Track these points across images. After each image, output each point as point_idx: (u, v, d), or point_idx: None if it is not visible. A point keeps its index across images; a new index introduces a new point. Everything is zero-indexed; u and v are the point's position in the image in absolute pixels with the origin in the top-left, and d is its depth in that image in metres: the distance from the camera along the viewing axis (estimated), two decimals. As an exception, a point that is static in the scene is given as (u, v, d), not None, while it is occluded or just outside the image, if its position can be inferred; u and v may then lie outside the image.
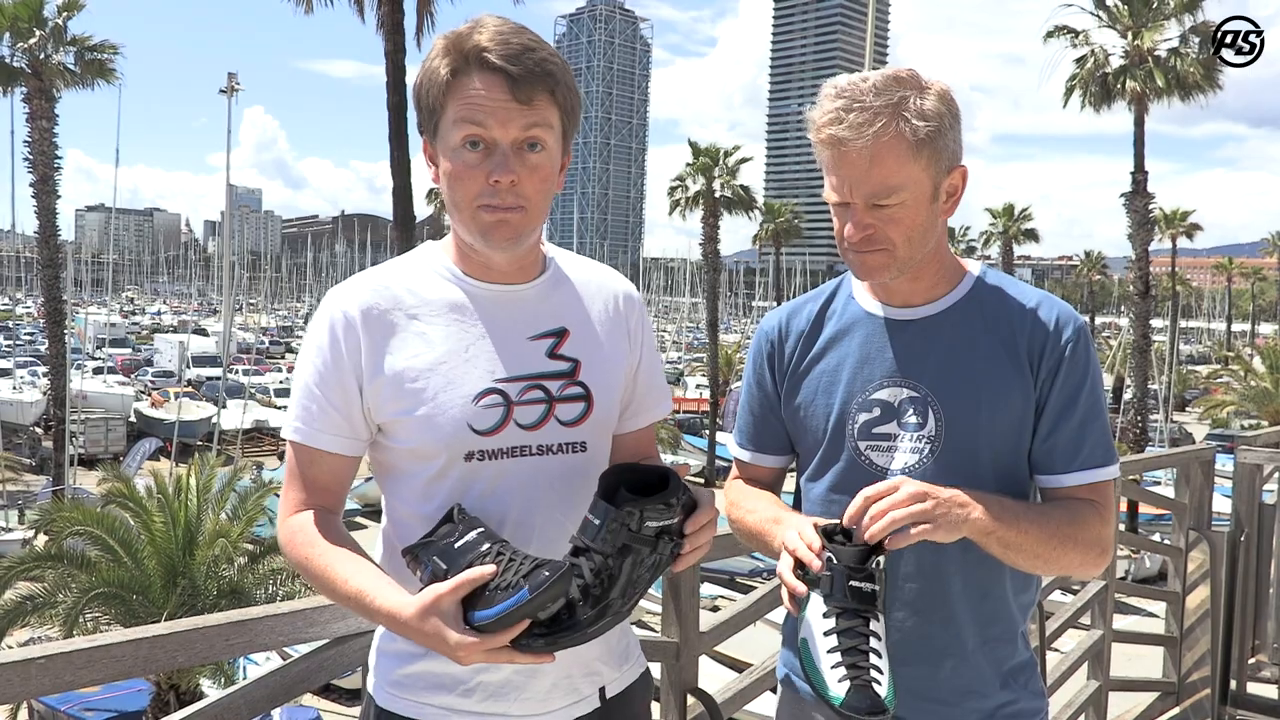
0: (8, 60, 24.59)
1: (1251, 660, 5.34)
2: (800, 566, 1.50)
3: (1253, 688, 5.24)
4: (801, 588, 1.48)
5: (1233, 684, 5.16)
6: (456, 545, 1.34)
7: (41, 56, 24.52)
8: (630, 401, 1.69)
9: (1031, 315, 1.70)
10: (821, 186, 1.71)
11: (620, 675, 1.64)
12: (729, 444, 1.97)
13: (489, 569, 1.30)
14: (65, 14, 24.95)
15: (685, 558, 1.42)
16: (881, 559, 1.47)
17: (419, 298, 1.53)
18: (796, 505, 1.83)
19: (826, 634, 1.41)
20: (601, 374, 1.60)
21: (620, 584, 1.35)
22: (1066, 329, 1.68)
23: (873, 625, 1.42)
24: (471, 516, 1.40)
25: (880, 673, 1.39)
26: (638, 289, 1.75)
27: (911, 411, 1.69)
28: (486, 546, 1.34)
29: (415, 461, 1.52)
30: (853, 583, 1.43)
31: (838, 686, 1.37)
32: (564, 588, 1.28)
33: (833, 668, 1.39)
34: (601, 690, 1.60)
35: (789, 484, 1.92)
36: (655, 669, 2.74)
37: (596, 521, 1.36)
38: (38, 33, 24.31)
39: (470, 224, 1.48)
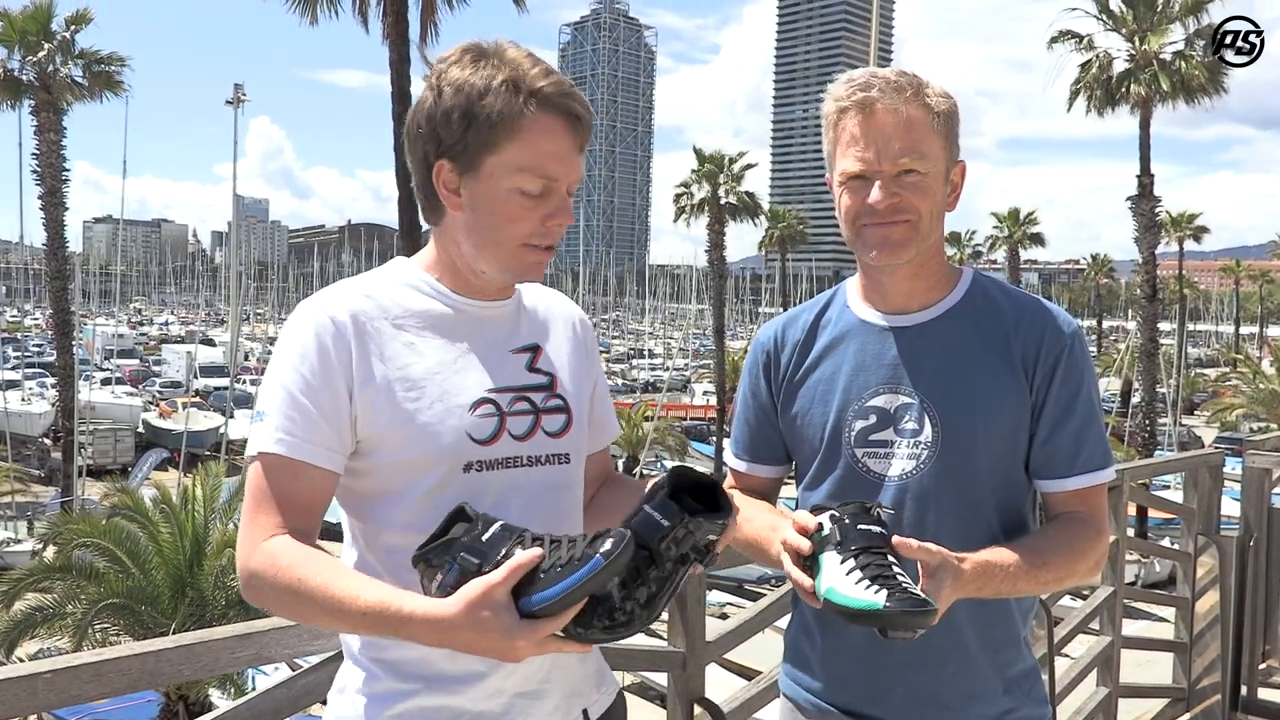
0: (16, 74, 24.73)
1: (1262, 665, 5.32)
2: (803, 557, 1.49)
3: (1264, 693, 5.22)
4: (805, 545, 1.47)
5: (1243, 689, 5.14)
6: (485, 538, 1.28)
7: (50, 70, 24.65)
8: (590, 422, 1.68)
9: (1026, 320, 1.71)
10: (827, 191, 1.72)
11: (600, 697, 1.62)
12: (726, 453, 1.98)
13: (538, 552, 1.23)
14: (74, 27, 25.10)
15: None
16: (881, 512, 1.49)
17: (404, 308, 1.51)
18: None
19: (849, 573, 1.41)
20: (574, 389, 1.61)
21: (671, 588, 1.31)
22: (1061, 333, 1.69)
23: (890, 558, 1.43)
24: (483, 513, 1.32)
25: (911, 586, 1.39)
26: (644, 296, 1.75)
27: (908, 418, 1.70)
28: (518, 535, 1.28)
29: (407, 476, 1.46)
30: (860, 526, 1.45)
31: (876, 597, 1.37)
32: (631, 554, 1.23)
33: (865, 589, 1.38)
34: (585, 712, 1.58)
35: (791, 491, 1.92)
36: (662, 678, 2.74)
37: (665, 523, 1.30)
38: (46, 46, 24.45)
39: (509, 260, 1.49)
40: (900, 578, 1.40)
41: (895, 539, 1.44)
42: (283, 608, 1.40)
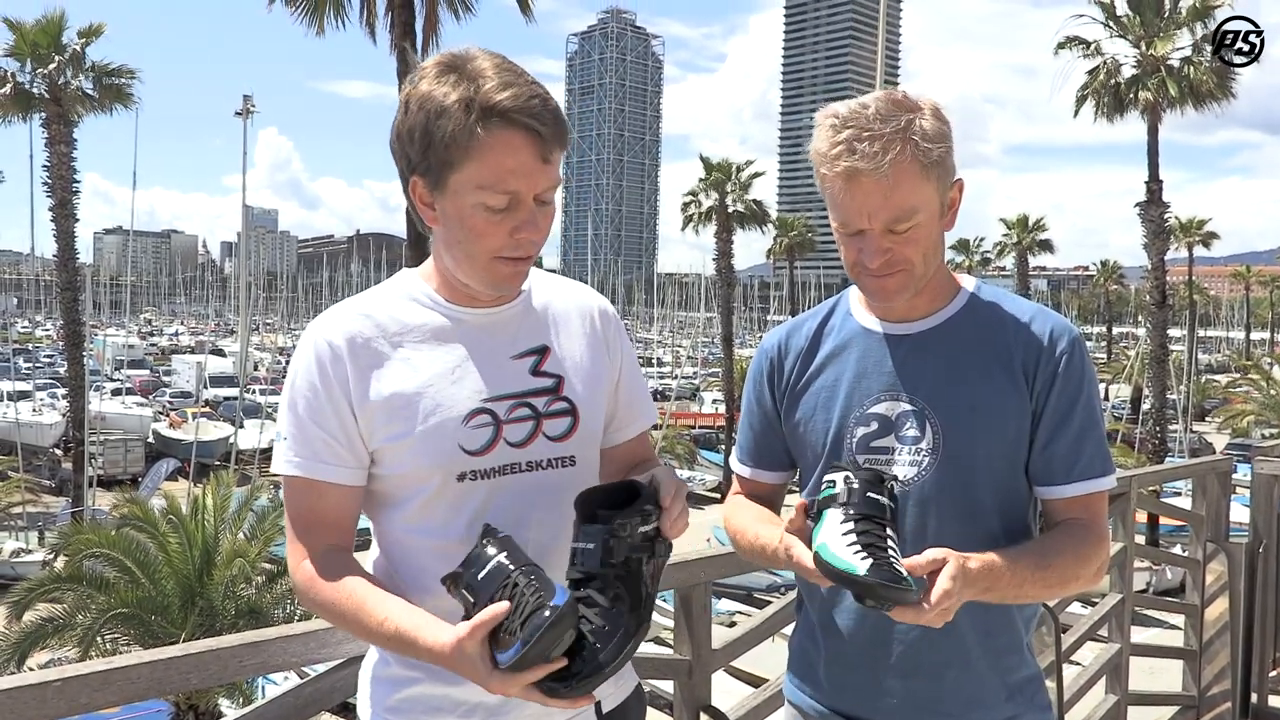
0: (27, 86, 24.89)
1: (1273, 673, 5.29)
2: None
3: (1274, 701, 5.19)
4: (802, 522, 1.51)
5: (1254, 697, 5.11)
6: (480, 578, 1.32)
7: (60, 82, 24.81)
8: (615, 414, 1.71)
9: (1026, 328, 1.71)
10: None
11: (616, 690, 1.65)
12: (731, 459, 2.00)
13: (500, 609, 1.28)
14: (84, 40, 25.26)
15: (671, 530, 1.43)
16: (894, 485, 1.51)
17: (402, 324, 1.55)
18: None
19: (845, 534, 1.43)
20: (585, 389, 1.62)
21: (634, 601, 1.34)
22: (1061, 341, 1.70)
23: (888, 531, 1.44)
24: (501, 538, 1.35)
25: (898, 563, 1.41)
26: (652, 304, 1.75)
27: (909, 425, 1.70)
28: (505, 576, 1.30)
29: (407, 486, 1.53)
30: (870, 494, 1.47)
31: (861, 564, 1.39)
32: (563, 630, 1.26)
33: (855, 554, 1.40)
34: (598, 705, 1.59)
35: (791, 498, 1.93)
36: (668, 686, 2.75)
37: (591, 545, 1.35)
38: (57, 59, 24.61)
39: (484, 273, 1.51)
40: (891, 553, 1.42)
41: (906, 561, 1.43)
42: (323, 616, 1.53)
